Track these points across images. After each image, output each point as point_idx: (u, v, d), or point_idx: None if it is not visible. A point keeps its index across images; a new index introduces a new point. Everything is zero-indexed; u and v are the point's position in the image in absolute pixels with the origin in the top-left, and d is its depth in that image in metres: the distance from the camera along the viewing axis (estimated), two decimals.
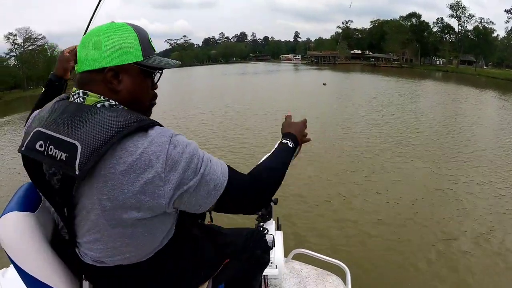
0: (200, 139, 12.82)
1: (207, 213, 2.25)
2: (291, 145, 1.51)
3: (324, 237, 6.01)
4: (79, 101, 1.13)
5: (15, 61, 79.29)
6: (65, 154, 1.01)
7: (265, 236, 2.03)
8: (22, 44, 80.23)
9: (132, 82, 1.18)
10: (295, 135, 1.58)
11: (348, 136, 13.42)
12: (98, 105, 1.11)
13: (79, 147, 1.00)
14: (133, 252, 1.16)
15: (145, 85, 1.25)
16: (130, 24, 1.21)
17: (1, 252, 1.21)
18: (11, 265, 1.25)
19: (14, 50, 79.31)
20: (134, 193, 1.02)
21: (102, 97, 1.12)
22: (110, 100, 1.13)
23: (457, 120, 16.67)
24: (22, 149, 1.11)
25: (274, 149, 1.52)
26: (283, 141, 1.52)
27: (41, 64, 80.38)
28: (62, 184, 1.11)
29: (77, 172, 0.99)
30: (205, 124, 15.98)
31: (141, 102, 1.25)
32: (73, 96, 1.15)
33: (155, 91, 1.33)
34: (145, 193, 1.02)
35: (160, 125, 1.12)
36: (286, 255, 2.89)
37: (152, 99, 1.32)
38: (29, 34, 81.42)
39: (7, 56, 78.96)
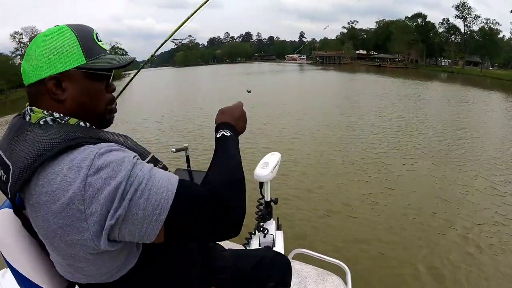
0: (200, 143, 12.79)
1: None
2: (228, 134, 1.27)
3: (324, 237, 6.00)
4: (27, 119, 1.05)
5: (21, 60, 79.70)
6: (5, 175, 0.97)
7: (287, 265, 1.73)
8: (28, 43, 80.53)
9: (77, 89, 1.05)
10: (228, 122, 1.34)
11: (353, 139, 13.26)
12: (41, 122, 1.01)
13: (11, 168, 0.94)
14: (89, 278, 1.05)
15: (95, 90, 1.10)
16: (69, 25, 1.07)
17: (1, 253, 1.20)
18: None
19: (19, 49, 79.97)
20: (60, 226, 0.90)
21: (45, 111, 1.02)
22: (54, 114, 1.02)
23: (468, 124, 16.26)
24: None
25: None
26: (218, 135, 1.28)
27: None
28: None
29: (9, 196, 0.95)
30: (207, 127, 15.65)
31: (93, 109, 1.10)
32: (25, 112, 1.07)
33: (112, 94, 1.18)
34: (69, 226, 0.89)
35: (95, 142, 0.97)
36: (286, 255, 2.87)
37: (109, 103, 1.16)
38: (35, 33, 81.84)
39: (13, 55, 79.68)
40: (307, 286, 2.73)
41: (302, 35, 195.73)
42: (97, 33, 1.13)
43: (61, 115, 1.03)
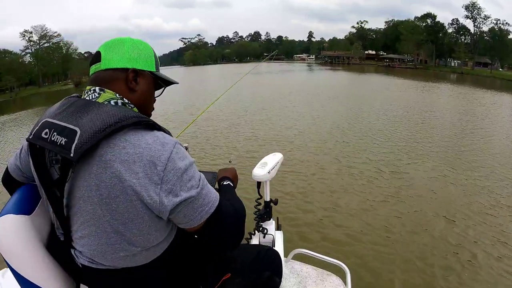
0: (200, 144, 12.83)
1: None
2: (232, 185, 1.66)
3: (324, 237, 6.00)
4: (92, 97, 1.21)
5: (30, 58, 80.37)
6: (65, 139, 1.05)
7: (278, 258, 1.93)
8: (38, 41, 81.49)
9: (146, 87, 1.31)
10: (231, 178, 1.72)
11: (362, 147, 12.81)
12: (112, 102, 1.20)
13: (78, 132, 1.04)
14: (126, 252, 1.15)
15: (152, 94, 1.38)
16: (146, 42, 1.38)
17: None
18: None
19: (29, 47, 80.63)
20: (131, 185, 1.04)
21: (118, 94, 1.22)
22: (124, 99, 1.23)
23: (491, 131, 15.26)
24: (30, 137, 1.16)
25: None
26: (225, 183, 1.65)
27: (57, 61, 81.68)
28: (62, 173, 1.14)
29: (72, 154, 1.02)
30: (208, 130, 15.43)
31: (147, 108, 1.36)
32: (87, 92, 1.23)
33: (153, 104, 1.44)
34: (142, 187, 1.04)
35: (164, 131, 1.20)
36: (286, 255, 2.86)
37: (152, 109, 1.42)
38: (45, 32, 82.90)
39: (23, 53, 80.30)
40: (306, 286, 2.71)
41: (311, 34, 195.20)
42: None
43: (129, 102, 1.25)
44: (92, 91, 1.22)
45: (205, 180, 1.21)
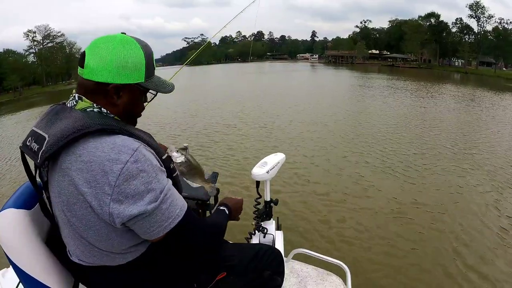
0: (200, 144, 12.78)
1: (208, 212, 2.31)
2: (227, 212, 1.57)
3: (324, 237, 5.98)
4: (72, 104, 1.20)
5: (34, 58, 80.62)
6: (38, 146, 1.09)
7: (279, 257, 1.90)
8: (41, 41, 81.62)
9: (130, 99, 1.24)
10: (230, 208, 1.63)
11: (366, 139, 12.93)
12: (88, 110, 1.17)
13: (47, 138, 1.07)
14: (98, 253, 1.18)
15: (139, 100, 1.31)
16: (139, 42, 1.25)
17: (2, 252, 1.24)
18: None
19: (33, 47, 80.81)
20: (83, 193, 1.03)
21: (95, 104, 1.19)
22: (102, 109, 1.20)
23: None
24: (20, 145, 1.20)
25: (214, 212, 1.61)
26: (221, 208, 1.59)
27: (60, 61, 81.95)
28: (47, 177, 1.17)
29: (38, 160, 1.08)
30: (209, 133, 15.08)
31: (133, 115, 1.33)
32: (69, 98, 1.23)
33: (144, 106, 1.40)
34: (93, 196, 1.03)
35: (129, 135, 1.14)
36: (286, 255, 2.85)
37: (142, 110, 1.38)
38: (48, 32, 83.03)
39: (26, 53, 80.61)
40: (307, 286, 2.71)
41: (314, 34, 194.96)
42: (153, 54, 1.33)
43: (108, 111, 1.21)
44: (72, 98, 1.21)
45: (171, 191, 1.17)
